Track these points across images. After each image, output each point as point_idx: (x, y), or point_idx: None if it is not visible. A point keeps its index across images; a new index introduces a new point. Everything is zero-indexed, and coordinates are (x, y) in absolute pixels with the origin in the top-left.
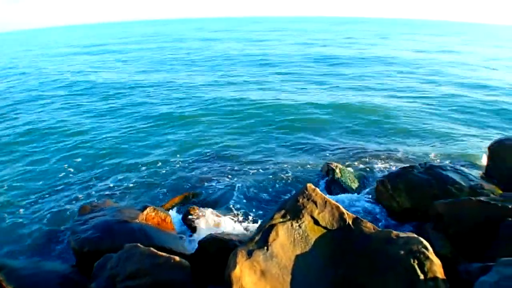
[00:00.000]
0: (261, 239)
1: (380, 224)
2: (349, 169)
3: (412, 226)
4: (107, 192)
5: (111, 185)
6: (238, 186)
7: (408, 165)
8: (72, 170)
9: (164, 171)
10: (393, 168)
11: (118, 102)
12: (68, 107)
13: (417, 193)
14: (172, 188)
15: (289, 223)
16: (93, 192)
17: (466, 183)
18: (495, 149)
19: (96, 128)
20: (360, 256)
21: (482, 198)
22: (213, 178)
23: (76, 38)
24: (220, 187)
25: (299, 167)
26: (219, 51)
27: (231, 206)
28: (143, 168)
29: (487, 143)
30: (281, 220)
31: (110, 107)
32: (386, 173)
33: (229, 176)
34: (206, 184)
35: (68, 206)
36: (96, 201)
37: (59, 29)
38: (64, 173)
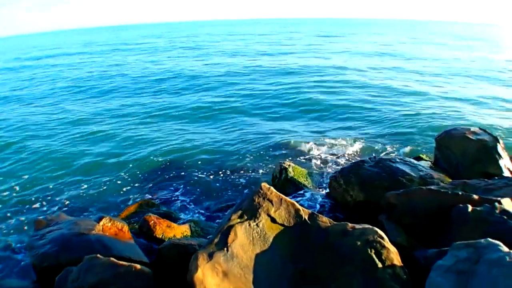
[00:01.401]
0: (220, 241)
1: (335, 218)
2: (302, 168)
3: (367, 218)
4: (59, 205)
5: (62, 198)
6: (192, 193)
7: (358, 159)
8: (17, 188)
9: (115, 181)
10: (344, 164)
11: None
12: None
13: (369, 186)
14: (126, 197)
15: (246, 223)
16: (44, 207)
17: (416, 174)
18: (442, 140)
19: (38, 142)
20: (318, 250)
21: (432, 187)
22: (166, 186)
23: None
24: (174, 194)
25: (251, 170)
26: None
27: (187, 212)
28: (93, 178)
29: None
30: (238, 220)
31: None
32: (339, 169)
33: (183, 184)
34: (159, 192)
35: (20, 222)
36: (48, 214)
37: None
38: (8, 192)
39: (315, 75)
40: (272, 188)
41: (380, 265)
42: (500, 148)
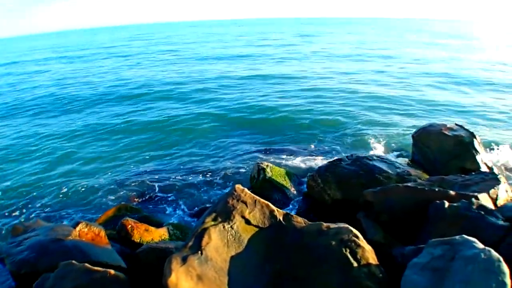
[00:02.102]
0: (194, 244)
1: (314, 217)
2: (280, 168)
3: (345, 217)
4: (35, 212)
5: (39, 204)
6: (170, 196)
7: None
8: None
9: (92, 186)
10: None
11: None
12: None
13: (346, 184)
14: (103, 202)
15: (221, 225)
16: (21, 213)
17: (393, 171)
18: (419, 136)
19: (13, 150)
20: (294, 250)
21: (409, 184)
22: (144, 190)
23: None
24: (152, 198)
25: (229, 172)
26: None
27: (165, 215)
28: (70, 184)
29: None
30: (212, 223)
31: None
32: (315, 168)
33: (160, 187)
34: (137, 196)
35: None
36: (25, 221)
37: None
38: None
39: (291, 80)
40: (246, 189)
41: (355, 264)
42: (476, 143)
